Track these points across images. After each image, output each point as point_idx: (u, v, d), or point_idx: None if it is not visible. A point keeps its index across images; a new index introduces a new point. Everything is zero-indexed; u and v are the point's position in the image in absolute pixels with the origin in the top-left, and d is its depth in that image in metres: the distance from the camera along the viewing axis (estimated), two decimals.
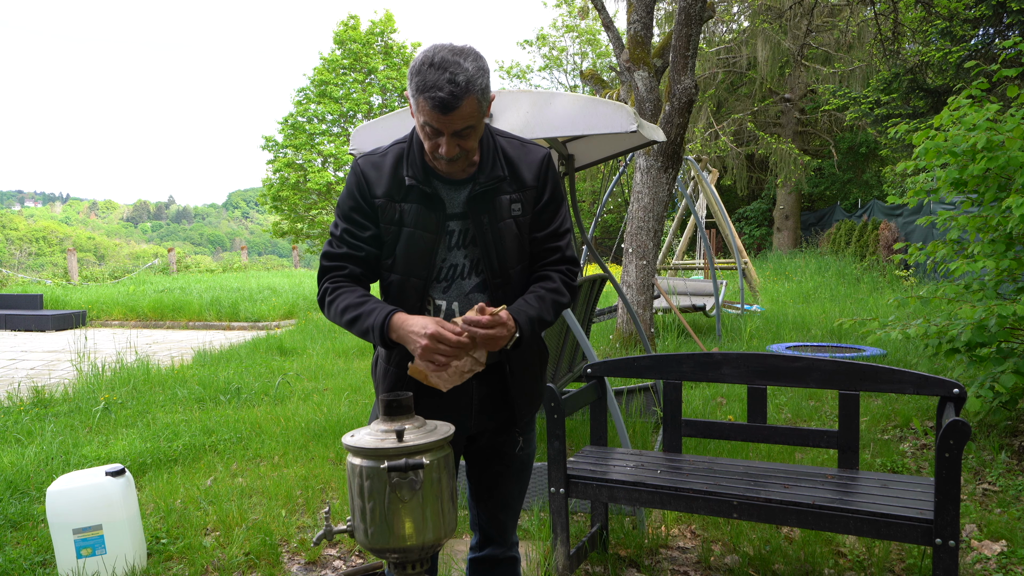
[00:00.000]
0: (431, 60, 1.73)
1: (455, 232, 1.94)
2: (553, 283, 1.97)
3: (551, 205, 1.99)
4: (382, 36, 30.03)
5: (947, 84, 10.83)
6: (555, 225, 2.00)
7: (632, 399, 5.15)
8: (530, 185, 1.96)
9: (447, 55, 1.73)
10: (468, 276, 1.95)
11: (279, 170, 28.67)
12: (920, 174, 5.16)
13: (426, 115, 1.75)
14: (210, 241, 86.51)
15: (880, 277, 13.97)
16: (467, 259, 1.94)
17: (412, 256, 1.91)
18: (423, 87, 1.72)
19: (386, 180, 1.92)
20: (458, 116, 1.74)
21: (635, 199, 7.81)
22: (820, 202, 25.05)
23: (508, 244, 1.93)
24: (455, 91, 1.71)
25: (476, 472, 2.18)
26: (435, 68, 1.72)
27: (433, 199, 1.90)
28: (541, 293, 1.94)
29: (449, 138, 1.78)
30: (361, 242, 1.94)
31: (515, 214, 1.94)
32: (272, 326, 11.97)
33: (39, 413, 5.83)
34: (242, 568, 3.23)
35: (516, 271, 1.96)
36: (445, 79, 1.70)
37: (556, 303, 1.96)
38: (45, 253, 38.86)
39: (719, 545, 3.31)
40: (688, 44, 7.20)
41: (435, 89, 1.71)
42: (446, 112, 1.73)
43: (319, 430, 5.13)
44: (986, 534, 3.28)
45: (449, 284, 1.95)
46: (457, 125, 1.76)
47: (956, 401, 2.69)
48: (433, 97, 1.71)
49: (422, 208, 1.90)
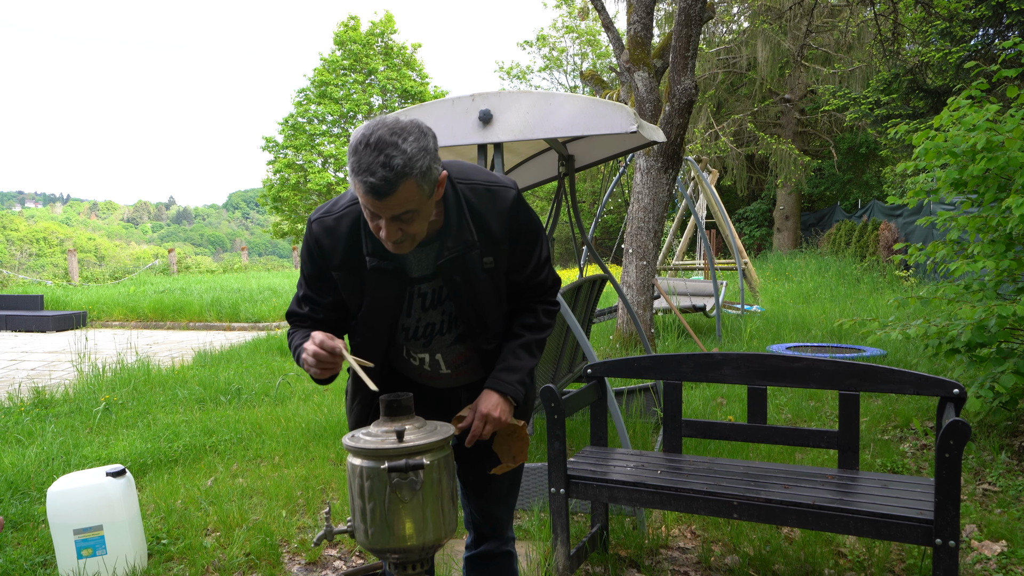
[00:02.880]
0: (367, 140, 1.58)
1: (427, 294, 1.88)
2: (534, 319, 1.99)
3: (525, 247, 1.91)
4: (382, 37, 30.05)
5: (947, 84, 10.83)
6: (533, 262, 1.93)
7: (632, 399, 5.15)
8: (500, 238, 1.86)
9: (384, 134, 1.58)
10: (447, 331, 1.95)
11: (279, 171, 28.71)
12: (920, 174, 5.16)
13: (361, 198, 1.63)
14: (210, 242, 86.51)
15: (880, 277, 13.97)
16: (444, 315, 1.91)
17: (375, 321, 1.89)
18: (357, 169, 1.59)
19: (341, 250, 1.82)
20: (395, 201, 1.60)
21: (635, 199, 7.81)
22: (820, 202, 25.05)
23: (483, 297, 1.88)
24: (388, 176, 1.56)
25: (466, 470, 2.17)
26: (370, 149, 1.57)
27: (394, 274, 1.82)
28: (515, 349, 1.95)
29: (388, 222, 1.65)
30: (322, 308, 1.92)
31: (488, 267, 1.85)
32: (272, 327, 11.98)
33: (40, 414, 5.83)
34: (243, 568, 3.23)
35: (494, 318, 1.94)
36: (379, 163, 1.56)
37: (537, 344, 1.98)
38: (46, 254, 38.85)
39: (719, 545, 3.31)
40: (688, 45, 7.20)
41: (367, 173, 1.57)
42: (380, 198, 1.59)
43: (319, 430, 5.13)
44: (986, 534, 3.28)
45: (428, 340, 1.95)
46: (395, 210, 1.63)
47: (956, 401, 2.69)
48: (365, 182, 1.58)
49: (384, 278, 1.82)
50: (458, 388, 2.06)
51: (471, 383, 2.04)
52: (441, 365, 1.99)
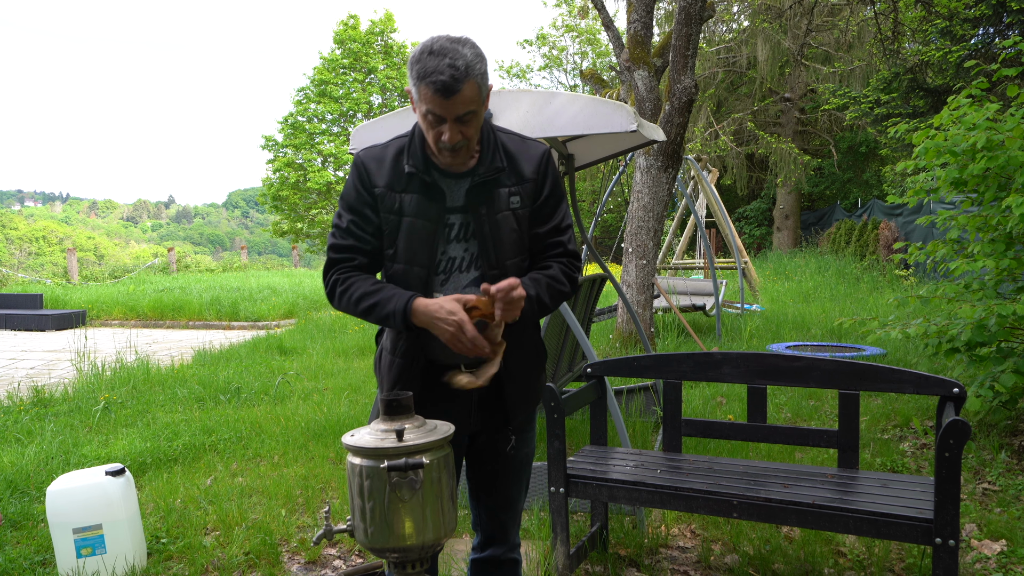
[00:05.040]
0: (430, 48, 1.77)
1: (455, 225, 1.95)
2: (552, 271, 1.99)
3: (551, 200, 2.01)
4: (382, 36, 30.02)
5: (947, 83, 10.82)
6: (556, 220, 2.01)
7: (632, 399, 5.15)
8: (529, 178, 1.97)
9: (445, 43, 1.77)
10: (466, 270, 1.97)
11: (279, 170, 28.66)
12: (920, 174, 5.16)
13: (428, 102, 1.78)
14: (210, 241, 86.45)
15: (880, 277, 13.97)
16: (466, 252, 1.96)
17: (413, 245, 1.93)
18: (424, 74, 1.76)
19: (387, 171, 1.94)
20: (459, 100, 1.77)
21: (635, 199, 7.81)
22: (820, 202, 25.06)
23: (505, 236, 1.94)
24: (456, 75, 1.74)
25: (474, 470, 2.18)
26: (435, 55, 1.76)
27: (433, 189, 1.92)
28: (537, 276, 1.96)
29: (452, 124, 1.81)
30: (367, 233, 1.96)
31: (513, 206, 1.95)
32: (272, 326, 11.97)
33: (39, 413, 5.83)
34: (242, 568, 3.23)
35: (513, 263, 1.97)
36: (445, 64, 1.74)
37: (553, 288, 1.97)
38: (45, 253, 38.78)
39: (719, 545, 3.31)
40: (688, 43, 7.20)
41: (436, 74, 1.74)
42: (448, 96, 1.76)
43: (319, 430, 5.13)
44: (986, 533, 3.28)
45: (447, 277, 1.97)
46: (459, 110, 1.79)
47: (956, 401, 2.69)
48: (435, 82, 1.74)
49: (422, 198, 1.92)
50: None
51: None
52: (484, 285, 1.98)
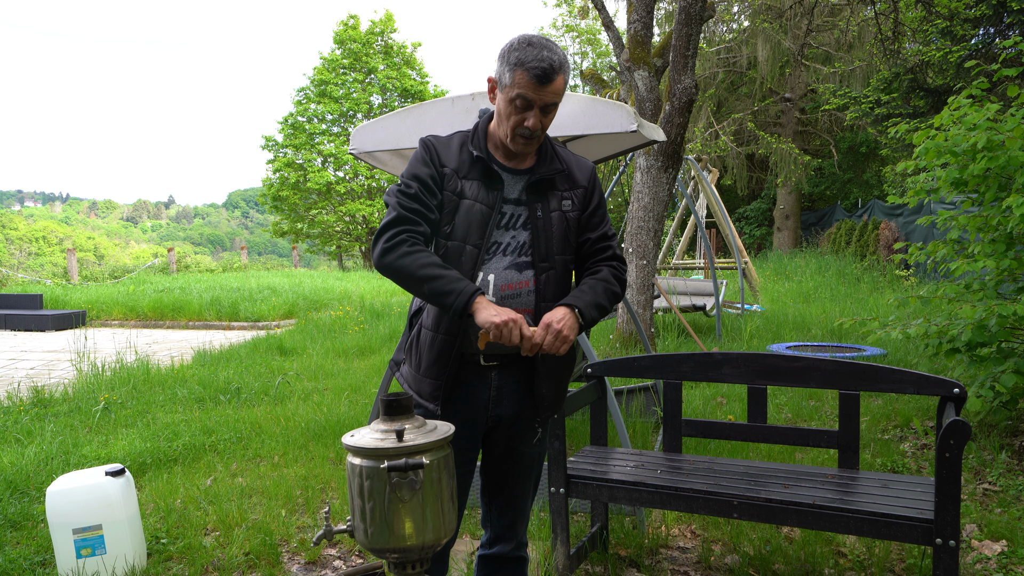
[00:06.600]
0: (528, 40, 1.92)
1: (507, 214, 2.06)
2: (605, 275, 2.11)
3: (600, 210, 2.17)
4: (382, 36, 29.99)
5: (947, 84, 10.82)
6: (604, 228, 2.17)
7: (632, 399, 5.14)
8: (581, 185, 2.13)
9: (542, 39, 1.93)
10: (509, 254, 2.04)
11: (279, 170, 28.63)
12: (920, 174, 5.15)
13: (523, 87, 1.91)
14: (210, 241, 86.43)
15: (880, 277, 13.96)
16: (513, 240, 2.05)
17: (471, 225, 2.00)
18: (522, 61, 1.89)
19: (454, 156, 2.06)
20: (551, 89, 1.92)
21: (635, 199, 7.81)
22: (820, 202, 25.05)
23: (556, 232, 2.06)
24: (555, 63, 1.90)
25: (487, 467, 2.23)
26: (534, 47, 1.90)
27: (494, 176, 2.04)
28: (593, 283, 2.07)
29: (538, 111, 1.94)
30: (432, 203, 2.01)
31: (565, 209, 2.09)
32: (272, 326, 11.97)
33: (39, 413, 5.82)
34: (242, 568, 3.23)
35: (561, 259, 2.08)
36: (545, 54, 1.90)
37: (609, 291, 2.07)
38: (45, 253, 38.78)
39: (719, 545, 3.31)
40: (688, 44, 7.19)
41: (537, 61, 1.89)
42: (543, 83, 1.90)
43: (319, 430, 5.13)
44: (986, 534, 3.27)
45: (491, 258, 2.03)
46: (548, 98, 1.94)
47: (956, 401, 2.69)
48: (535, 67, 1.88)
49: (482, 185, 2.03)
50: None
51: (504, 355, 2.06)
52: (490, 288, 2.02)
